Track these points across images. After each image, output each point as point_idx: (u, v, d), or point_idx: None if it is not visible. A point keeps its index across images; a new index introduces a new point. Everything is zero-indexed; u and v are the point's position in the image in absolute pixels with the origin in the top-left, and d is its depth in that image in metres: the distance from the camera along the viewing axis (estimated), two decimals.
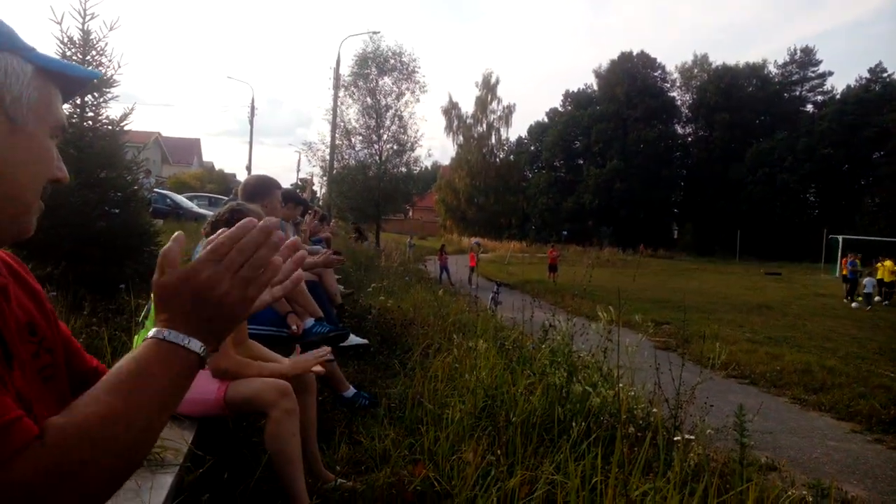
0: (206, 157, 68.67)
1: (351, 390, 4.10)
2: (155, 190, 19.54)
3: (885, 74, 55.17)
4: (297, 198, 5.87)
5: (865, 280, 20.32)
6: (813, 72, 60.24)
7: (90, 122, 4.98)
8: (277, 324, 3.82)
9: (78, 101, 4.89)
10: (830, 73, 59.94)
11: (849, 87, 57.16)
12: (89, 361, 1.09)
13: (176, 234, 0.84)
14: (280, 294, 0.85)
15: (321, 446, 3.03)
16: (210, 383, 2.58)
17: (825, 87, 59.98)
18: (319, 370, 2.84)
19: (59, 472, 0.68)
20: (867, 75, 56.27)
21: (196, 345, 0.77)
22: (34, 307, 0.95)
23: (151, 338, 0.77)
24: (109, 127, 5.06)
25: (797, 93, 61.13)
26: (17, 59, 0.82)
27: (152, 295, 0.81)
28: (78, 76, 0.95)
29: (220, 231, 0.81)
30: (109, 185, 4.96)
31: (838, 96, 57.40)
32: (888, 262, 22.72)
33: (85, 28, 4.90)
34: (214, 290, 0.77)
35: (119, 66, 5.09)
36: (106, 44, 5.01)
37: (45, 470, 0.68)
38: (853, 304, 19.84)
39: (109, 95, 5.11)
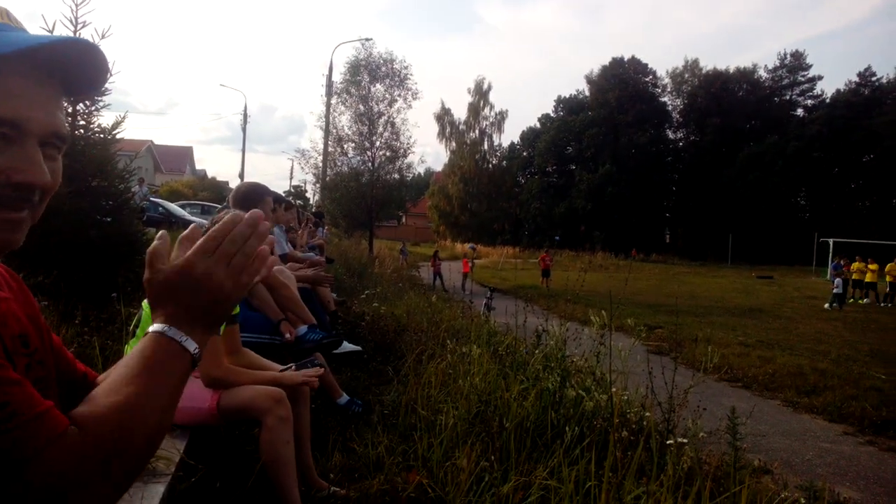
0: (198, 166, 68.83)
1: (344, 397, 4.10)
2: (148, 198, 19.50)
3: (874, 78, 55.81)
4: (283, 200, 5.90)
5: (836, 280, 20.38)
6: (803, 76, 60.56)
7: (82, 131, 4.96)
8: (270, 332, 3.82)
9: (70, 109, 4.88)
10: (820, 78, 60.36)
11: (839, 91, 57.78)
12: (78, 368, 1.10)
13: (160, 232, 0.86)
14: (257, 280, 0.86)
15: (314, 454, 3.02)
16: (203, 392, 2.57)
17: (815, 92, 60.41)
18: (313, 385, 2.84)
19: (92, 459, 0.70)
20: (856, 79, 56.82)
21: (191, 345, 0.79)
22: (27, 320, 0.95)
23: (153, 332, 0.79)
24: (101, 135, 5.05)
25: (787, 97, 61.46)
26: None
27: (146, 294, 0.83)
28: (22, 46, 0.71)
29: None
30: (101, 193, 4.95)
31: (828, 100, 57.87)
32: (856, 264, 23.22)
33: (77, 36, 4.89)
34: (211, 281, 0.79)
35: (111, 75, 5.09)
36: None
37: (79, 457, 0.69)
38: (825, 306, 19.73)
39: (101, 103, 5.11)
